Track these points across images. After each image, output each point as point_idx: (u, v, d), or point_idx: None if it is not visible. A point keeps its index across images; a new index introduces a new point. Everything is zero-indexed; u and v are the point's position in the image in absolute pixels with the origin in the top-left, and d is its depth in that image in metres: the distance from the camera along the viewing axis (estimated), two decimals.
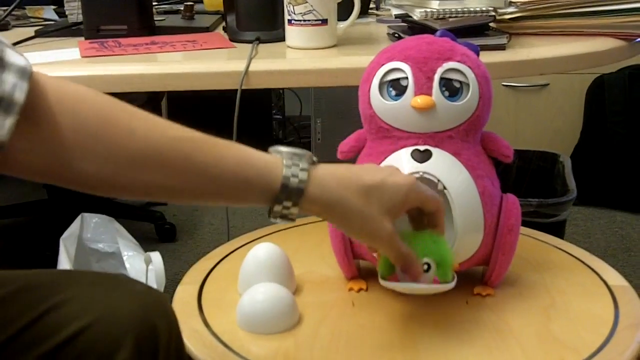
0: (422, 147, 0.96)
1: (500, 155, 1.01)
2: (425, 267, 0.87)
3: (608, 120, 2.77)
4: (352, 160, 1.03)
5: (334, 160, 0.84)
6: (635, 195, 2.77)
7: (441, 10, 1.24)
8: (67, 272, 0.95)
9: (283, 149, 0.84)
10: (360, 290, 1.06)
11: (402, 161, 0.96)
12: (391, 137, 0.97)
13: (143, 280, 1.34)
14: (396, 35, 1.33)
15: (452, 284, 0.89)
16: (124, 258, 1.56)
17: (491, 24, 1.33)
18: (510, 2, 1.37)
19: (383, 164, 0.97)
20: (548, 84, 2.97)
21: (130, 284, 0.87)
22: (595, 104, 2.82)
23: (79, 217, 1.66)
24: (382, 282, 0.90)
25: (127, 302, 0.83)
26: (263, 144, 3.13)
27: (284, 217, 0.80)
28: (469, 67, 0.95)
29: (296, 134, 3.56)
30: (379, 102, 0.97)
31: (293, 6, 1.29)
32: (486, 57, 1.09)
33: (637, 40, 1.34)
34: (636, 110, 2.73)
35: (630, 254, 2.49)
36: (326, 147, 3.23)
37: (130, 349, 0.79)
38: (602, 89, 2.79)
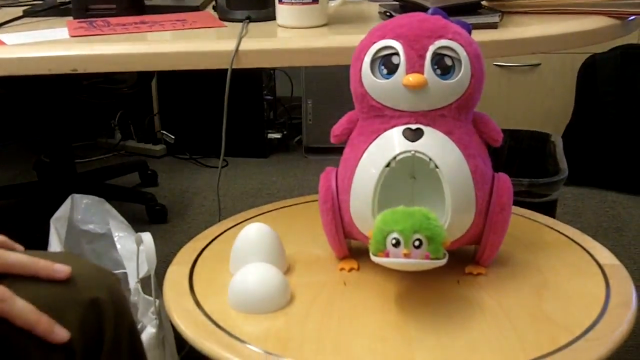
0: (413, 126, 0.95)
1: (489, 139, 1.01)
2: (417, 243, 0.87)
3: (600, 100, 2.77)
4: (345, 141, 1.03)
5: (325, 141, 0.84)
6: (627, 175, 2.78)
7: None
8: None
9: None
10: (351, 269, 1.06)
11: (393, 140, 0.96)
12: (383, 116, 0.97)
13: (134, 260, 1.34)
14: (387, 13, 1.33)
15: (443, 261, 0.89)
16: (115, 239, 1.55)
17: (483, 2, 1.32)
18: None
19: (375, 142, 0.97)
20: (540, 64, 2.97)
21: (73, 263, 0.88)
22: (587, 84, 2.82)
23: (69, 199, 1.66)
24: (373, 258, 0.90)
25: (68, 287, 0.85)
26: (254, 125, 3.16)
27: None
28: (461, 45, 0.95)
29: (287, 115, 3.55)
30: (370, 81, 0.96)
31: None
32: (478, 35, 1.09)
33: (630, 18, 1.34)
34: (628, 90, 2.72)
35: (621, 234, 2.49)
36: (317, 128, 3.23)
37: (74, 331, 0.81)
38: (594, 69, 2.79)
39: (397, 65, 0.94)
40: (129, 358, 0.91)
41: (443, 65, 0.94)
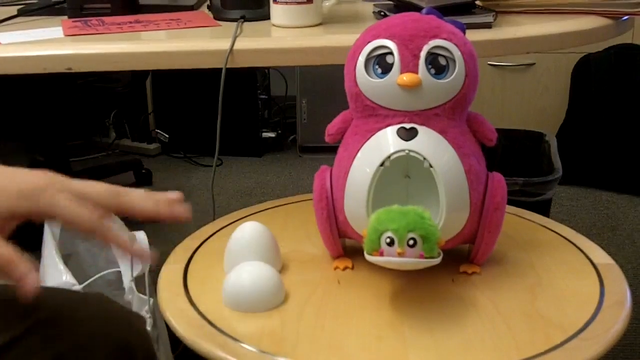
0: (408, 125, 0.96)
1: (483, 138, 1.01)
2: (411, 242, 0.87)
3: (594, 100, 2.78)
4: (339, 141, 1.03)
5: (319, 140, 0.84)
6: (621, 175, 2.78)
7: None
8: (43, 290, 0.96)
9: None
10: (345, 268, 1.06)
11: (388, 139, 0.96)
12: (377, 115, 0.97)
13: (128, 259, 1.34)
14: (382, 13, 1.33)
15: (437, 260, 0.89)
16: None
17: (477, 2, 1.33)
18: None
19: (369, 142, 0.97)
20: (534, 64, 2.97)
21: (106, 305, 0.90)
22: (581, 84, 2.83)
23: None
24: (367, 257, 0.90)
25: (103, 327, 0.85)
26: (248, 124, 3.16)
27: None
28: (455, 44, 0.95)
29: (282, 114, 3.55)
30: (364, 80, 0.97)
31: None
32: (472, 35, 1.09)
33: (624, 18, 1.34)
34: (622, 89, 2.73)
35: (615, 233, 2.50)
36: (312, 127, 3.23)
37: None
38: (588, 69, 2.79)
39: (391, 65, 0.94)
40: None
41: (437, 65, 0.94)
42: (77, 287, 1.32)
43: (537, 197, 1.83)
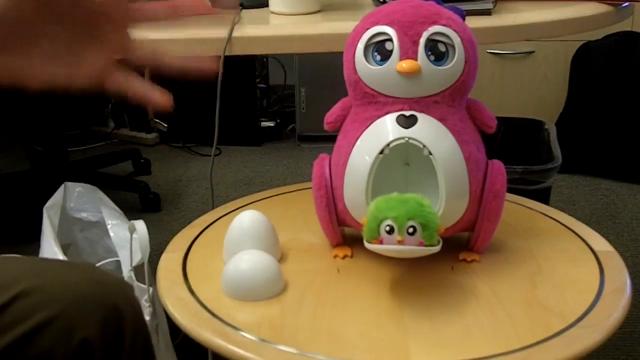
0: (407, 113, 0.95)
1: (483, 125, 1.00)
2: (411, 229, 0.87)
3: (593, 88, 2.77)
4: (338, 129, 1.03)
5: (318, 129, 0.84)
6: (620, 163, 2.78)
7: None
8: (31, 260, 0.97)
9: None
10: (345, 257, 1.05)
11: (387, 127, 0.95)
12: (376, 102, 0.97)
13: (127, 248, 1.34)
14: (381, 0, 1.32)
15: (437, 248, 0.89)
16: (108, 227, 1.55)
17: None
18: None
19: (368, 129, 0.96)
20: (534, 51, 2.96)
21: (94, 272, 0.92)
22: (580, 71, 2.82)
23: (62, 187, 1.65)
24: (367, 245, 0.90)
25: (92, 290, 0.88)
26: (247, 114, 3.14)
27: None
28: (454, 31, 0.94)
29: (280, 103, 3.55)
30: (364, 67, 0.96)
31: None
32: (472, 22, 1.08)
33: (624, 5, 1.33)
34: (622, 77, 2.72)
35: (615, 221, 2.50)
36: (311, 116, 3.23)
37: (95, 330, 0.82)
38: (587, 56, 2.79)
39: (390, 52, 0.94)
40: None
41: (437, 52, 0.94)
42: None
43: (536, 185, 1.83)
